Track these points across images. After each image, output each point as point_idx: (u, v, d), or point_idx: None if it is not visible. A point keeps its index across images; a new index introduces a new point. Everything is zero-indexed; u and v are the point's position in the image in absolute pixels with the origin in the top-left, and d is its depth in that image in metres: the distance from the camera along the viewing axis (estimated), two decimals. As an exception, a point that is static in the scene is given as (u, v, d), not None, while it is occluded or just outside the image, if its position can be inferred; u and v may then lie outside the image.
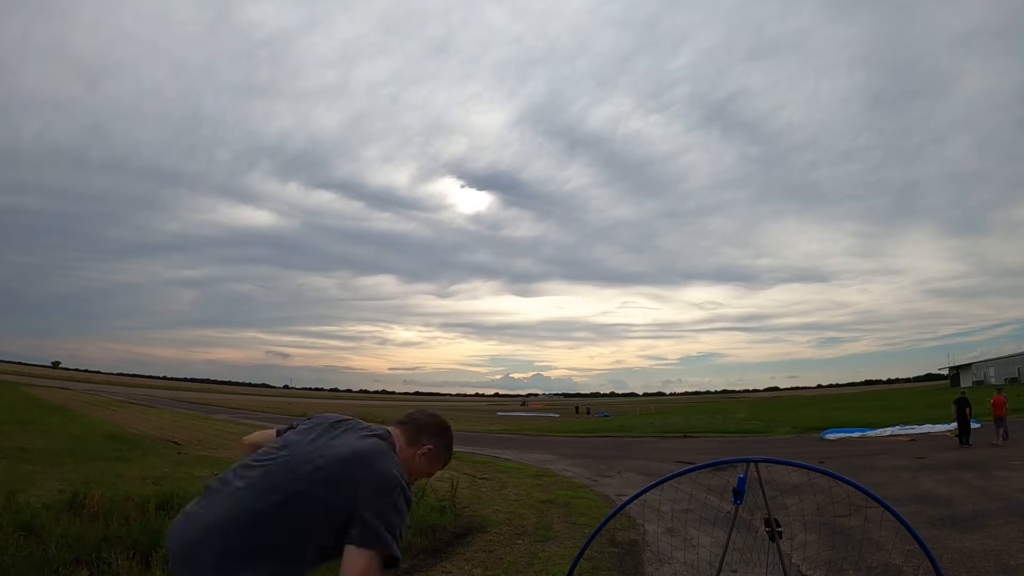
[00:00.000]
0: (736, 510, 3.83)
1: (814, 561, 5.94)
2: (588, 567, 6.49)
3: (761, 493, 3.69)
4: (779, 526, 3.78)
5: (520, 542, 7.72)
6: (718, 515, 6.68)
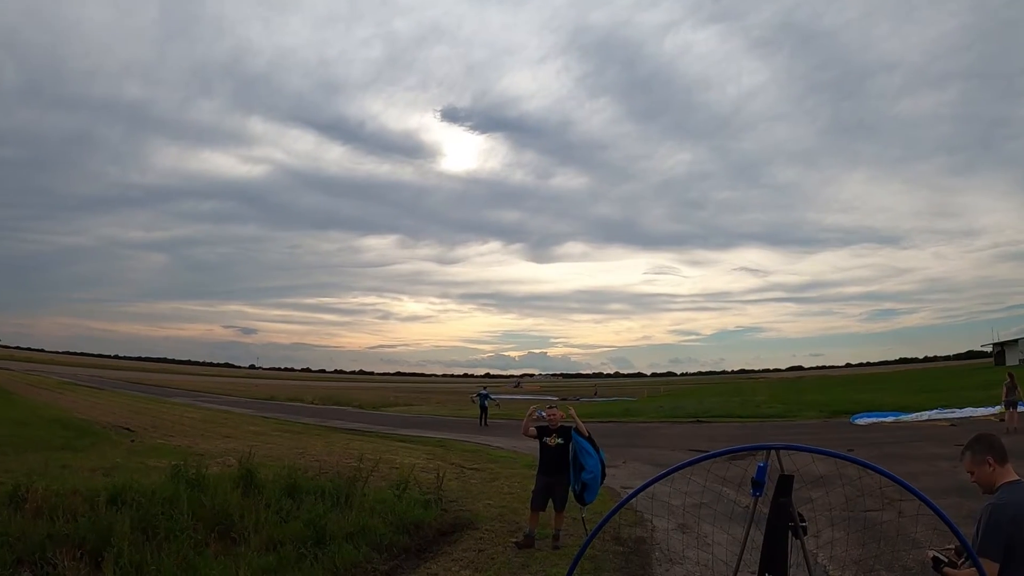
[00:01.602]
0: (755, 503, 3.84)
1: (842, 560, 6.03)
2: (590, 568, 6.59)
3: (781, 484, 3.69)
4: (803, 521, 3.80)
5: (514, 540, 7.83)
6: (735, 509, 6.77)
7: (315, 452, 15.25)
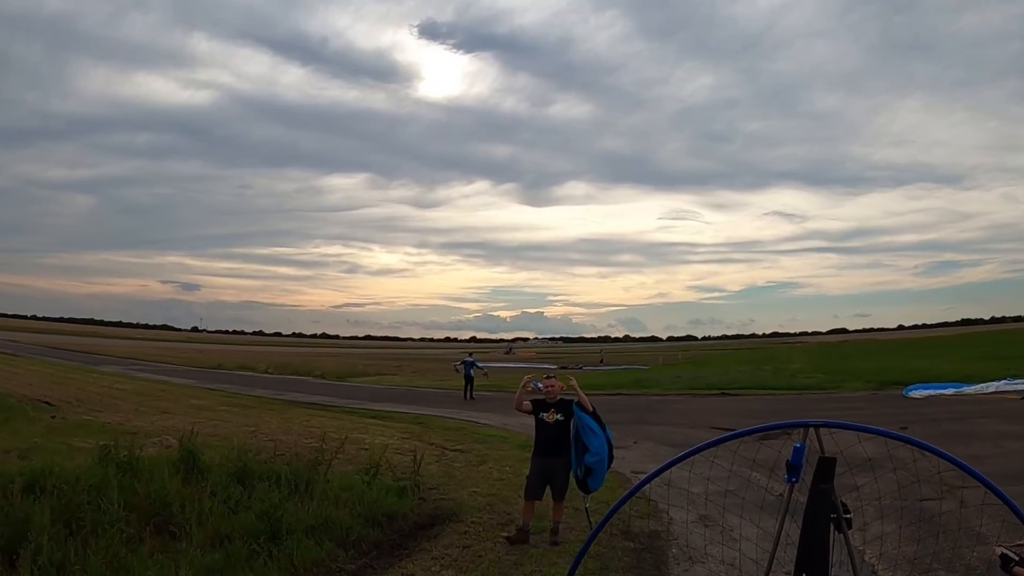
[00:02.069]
0: (791, 491, 3.86)
1: (893, 559, 6.12)
2: (595, 567, 6.68)
3: (821, 469, 3.69)
4: (847, 512, 3.82)
5: (505, 535, 7.93)
6: (767, 498, 6.83)
7: (269, 430, 15.31)
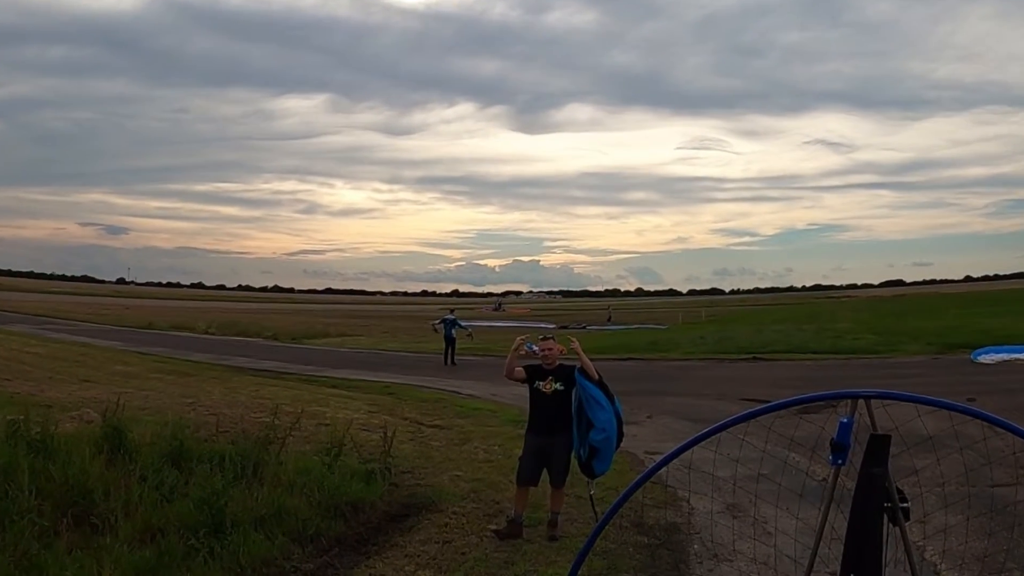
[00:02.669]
0: (836, 475, 3.86)
1: (960, 556, 6.15)
2: (601, 567, 6.74)
3: (873, 449, 3.68)
4: (904, 501, 3.83)
5: (493, 528, 7.98)
6: (808, 484, 6.86)
7: (211, 403, 15.34)
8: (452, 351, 29.31)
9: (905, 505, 3.81)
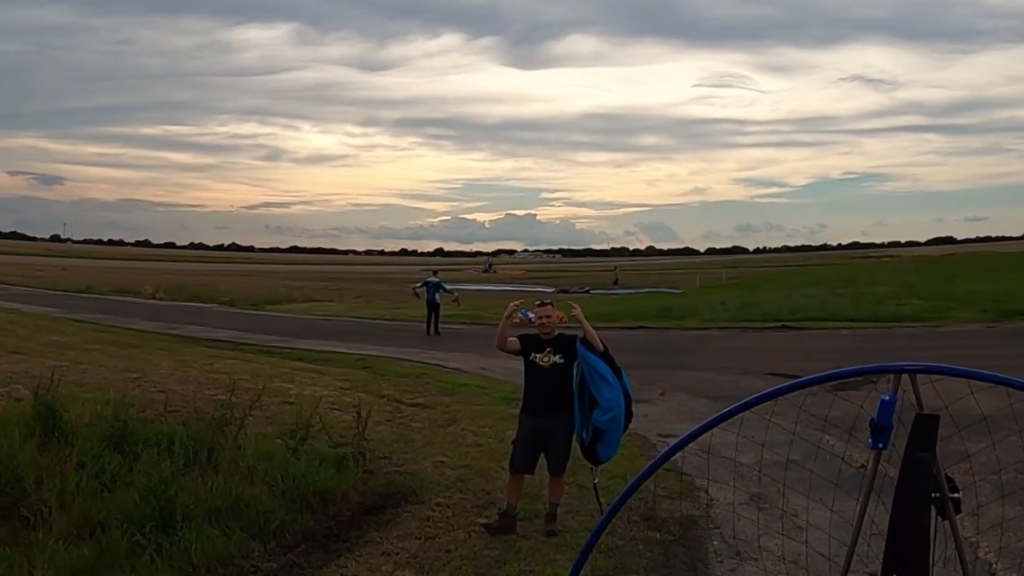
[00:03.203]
0: (877, 461, 3.82)
1: (1018, 553, 6.19)
2: (607, 566, 6.74)
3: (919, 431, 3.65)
4: (955, 491, 3.81)
5: (483, 521, 7.99)
6: (844, 472, 6.87)
7: (159, 378, 15.33)
8: (435, 319, 29.31)
9: (956, 495, 3.78)
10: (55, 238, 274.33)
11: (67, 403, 9.50)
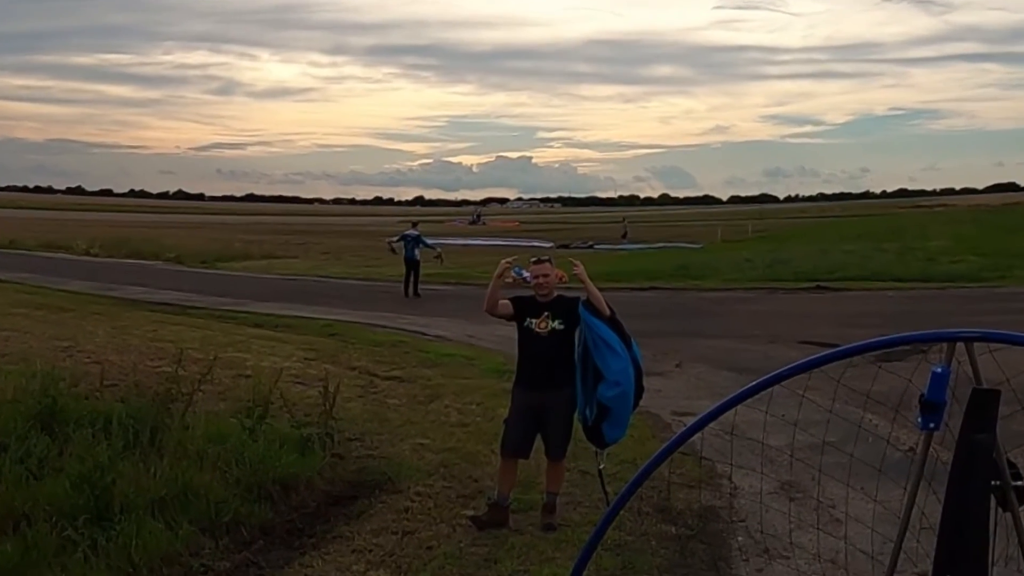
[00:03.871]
0: (927, 443, 3.82)
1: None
2: (614, 565, 6.80)
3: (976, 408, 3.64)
4: (1019, 479, 3.81)
5: (470, 513, 8.02)
6: (890, 455, 6.90)
7: (94, 347, 15.36)
8: (415, 278, 29.27)
9: (1020, 483, 3.79)
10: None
11: (-14, 378, 9.51)
